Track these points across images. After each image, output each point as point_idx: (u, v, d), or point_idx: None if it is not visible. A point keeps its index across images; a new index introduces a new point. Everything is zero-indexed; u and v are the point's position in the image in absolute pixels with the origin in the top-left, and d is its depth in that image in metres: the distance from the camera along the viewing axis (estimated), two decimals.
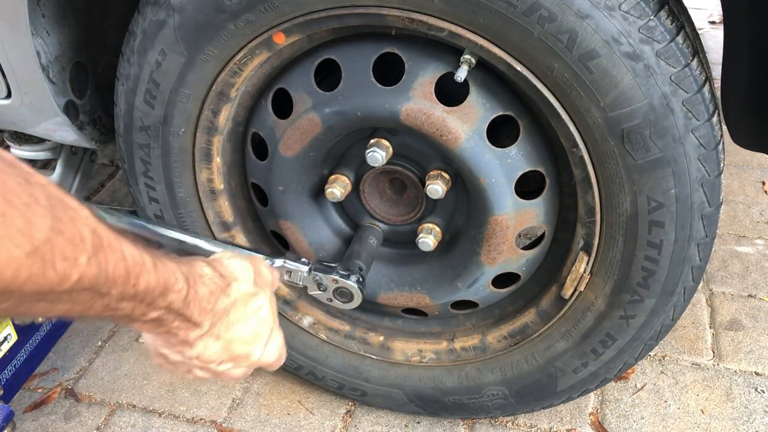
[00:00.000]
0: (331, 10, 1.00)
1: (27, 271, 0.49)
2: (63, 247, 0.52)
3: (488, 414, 1.38)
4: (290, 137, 1.16)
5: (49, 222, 0.50)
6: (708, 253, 1.08)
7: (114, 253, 0.58)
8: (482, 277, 1.21)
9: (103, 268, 0.57)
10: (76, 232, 0.54)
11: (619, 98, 0.94)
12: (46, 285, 0.51)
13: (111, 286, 0.58)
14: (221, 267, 0.77)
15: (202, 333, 0.73)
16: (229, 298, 0.75)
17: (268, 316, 0.80)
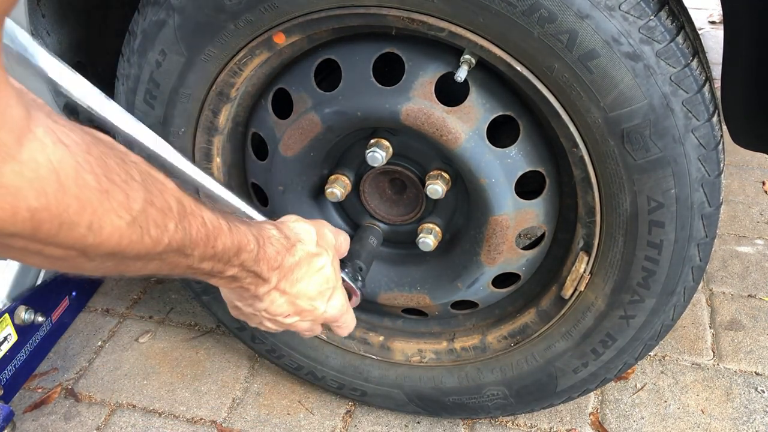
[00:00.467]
0: (331, 10, 1.00)
1: (128, 238, 0.57)
2: (155, 216, 0.60)
3: (488, 414, 1.38)
4: (290, 137, 1.16)
5: (143, 195, 0.58)
6: (708, 253, 1.08)
7: (196, 219, 0.67)
8: (482, 277, 1.21)
9: (187, 233, 0.65)
10: (164, 202, 0.61)
11: (619, 98, 0.94)
12: (143, 249, 0.59)
13: (194, 247, 0.66)
14: (287, 229, 0.84)
15: (270, 288, 0.81)
16: (294, 257, 0.83)
17: (330, 274, 0.89)
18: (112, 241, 0.55)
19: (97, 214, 0.53)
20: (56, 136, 0.49)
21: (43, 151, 0.47)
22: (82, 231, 0.52)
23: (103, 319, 1.75)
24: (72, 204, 0.50)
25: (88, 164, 0.51)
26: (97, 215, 0.53)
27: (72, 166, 0.50)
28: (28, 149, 0.46)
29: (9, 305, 1.43)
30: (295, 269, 0.83)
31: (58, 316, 1.61)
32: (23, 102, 0.47)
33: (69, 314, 1.68)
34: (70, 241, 0.52)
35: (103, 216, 0.53)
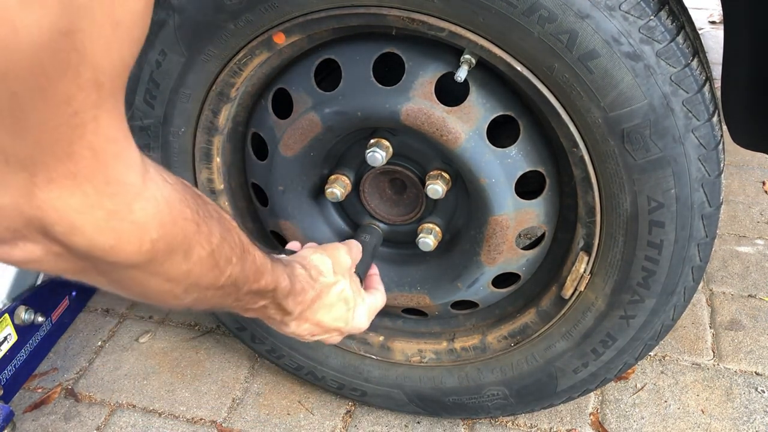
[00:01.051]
0: (331, 10, 1.00)
1: (206, 267, 0.63)
2: (226, 250, 0.66)
3: (488, 414, 1.38)
4: (290, 137, 1.16)
5: (220, 230, 0.65)
6: (708, 253, 1.08)
7: (250, 256, 0.73)
8: (482, 277, 1.21)
9: (243, 268, 0.71)
10: (233, 239, 0.68)
11: (619, 98, 0.94)
12: (213, 279, 0.66)
13: (245, 282, 0.73)
14: (309, 265, 0.92)
15: (293, 318, 0.89)
16: (315, 290, 0.91)
17: (349, 295, 0.97)
18: (195, 269, 0.61)
19: (191, 243, 0.60)
20: (161, 175, 0.55)
21: (159, 188, 0.54)
22: (179, 258, 0.59)
23: (103, 319, 1.75)
24: (178, 234, 0.57)
25: (185, 200, 0.58)
26: (191, 244, 0.59)
27: (178, 201, 0.57)
28: (150, 186, 0.52)
29: (9, 305, 1.43)
30: (316, 301, 0.91)
31: (58, 316, 1.61)
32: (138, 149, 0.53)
33: (69, 314, 1.68)
34: (170, 269, 0.58)
35: (194, 245, 0.60)
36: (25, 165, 0.45)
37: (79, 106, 0.44)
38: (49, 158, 0.45)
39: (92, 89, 0.44)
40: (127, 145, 0.50)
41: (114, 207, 0.49)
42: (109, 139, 0.47)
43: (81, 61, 0.42)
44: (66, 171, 0.46)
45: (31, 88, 0.41)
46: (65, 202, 0.47)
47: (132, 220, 0.51)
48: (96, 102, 0.45)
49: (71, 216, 0.48)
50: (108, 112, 0.47)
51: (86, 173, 0.47)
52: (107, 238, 0.50)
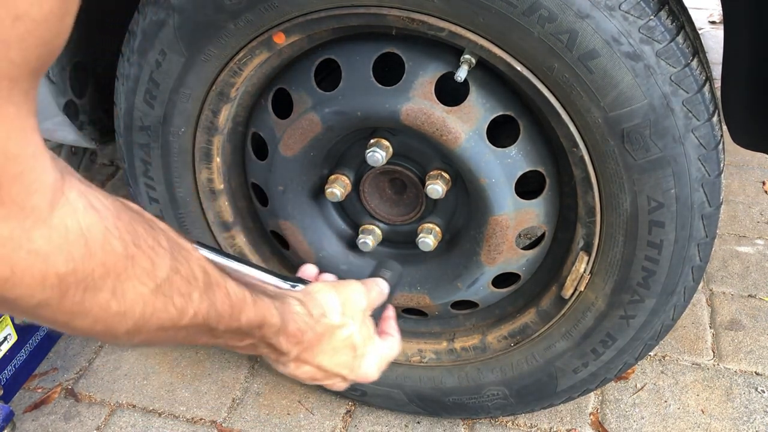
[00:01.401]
0: (331, 10, 1.00)
1: (152, 306, 0.55)
2: (180, 285, 0.58)
3: (488, 414, 1.38)
4: (290, 137, 1.16)
5: (169, 262, 0.57)
6: (708, 253, 1.08)
7: (221, 290, 0.64)
8: (482, 277, 1.21)
9: (212, 304, 0.62)
10: (190, 271, 0.60)
11: (619, 98, 0.94)
12: (168, 319, 0.58)
13: (219, 320, 0.64)
14: (311, 302, 0.81)
15: (290, 359, 0.79)
16: (315, 331, 0.80)
17: (358, 341, 0.84)
18: (136, 309, 0.54)
19: (121, 279, 0.52)
20: (88, 200, 0.49)
21: (74, 216, 0.47)
22: (106, 296, 0.51)
23: None
24: (97, 269, 0.50)
25: (116, 230, 0.51)
26: (120, 280, 0.52)
27: (101, 231, 0.49)
28: (59, 213, 0.46)
29: None
30: (316, 344, 0.81)
31: None
32: (58, 167, 0.47)
33: None
34: (95, 308, 0.51)
35: (126, 281, 0.53)
36: None
37: None
38: None
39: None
40: (34, 165, 0.43)
41: (7, 233, 0.43)
42: (6, 155, 0.41)
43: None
44: None
45: None
46: None
47: (30, 249, 0.44)
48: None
49: None
50: (6, 120, 0.40)
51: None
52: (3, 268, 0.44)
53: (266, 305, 0.72)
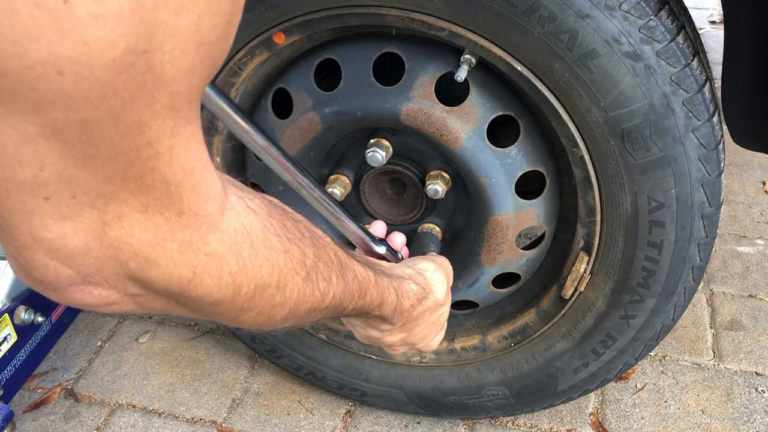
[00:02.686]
0: (331, 9, 1.00)
1: (303, 293, 0.60)
2: (323, 270, 0.63)
3: (488, 414, 1.38)
4: (290, 137, 1.16)
5: (313, 251, 0.62)
6: (708, 253, 1.08)
7: (350, 272, 0.69)
8: (482, 277, 1.21)
9: (346, 286, 0.68)
10: (328, 256, 0.65)
11: (620, 98, 0.94)
12: (314, 302, 0.63)
13: (350, 300, 0.69)
14: (423, 281, 0.87)
15: (391, 327, 0.85)
16: (423, 307, 0.86)
17: (445, 319, 0.93)
18: (292, 297, 0.59)
19: (283, 272, 0.56)
20: (245, 203, 0.53)
21: (238, 218, 0.51)
22: (272, 291, 0.56)
23: (102, 319, 1.75)
24: (264, 265, 0.54)
25: (272, 227, 0.55)
26: (282, 274, 0.56)
27: (260, 230, 0.54)
28: (227, 217, 0.49)
29: (9, 305, 1.43)
30: (420, 317, 0.87)
31: (57, 317, 1.61)
32: (219, 174, 0.50)
33: (69, 314, 1.68)
34: (262, 302, 0.56)
35: (287, 274, 0.57)
36: (94, 201, 0.41)
37: (153, 135, 0.40)
38: (119, 192, 0.41)
39: (168, 116, 0.40)
40: (206, 176, 0.46)
41: (188, 238, 0.46)
42: (185, 170, 0.44)
43: (157, 85, 0.38)
44: (137, 204, 0.42)
45: (103, 115, 0.36)
46: (137, 237, 0.44)
47: (207, 252, 0.48)
48: (172, 130, 0.41)
49: (145, 250, 0.44)
50: (185, 140, 0.43)
51: (158, 205, 0.43)
52: (183, 271, 0.47)
53: (386, 284, 0.77)
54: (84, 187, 0.40)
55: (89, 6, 0.33)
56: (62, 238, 0.42)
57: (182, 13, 0.37)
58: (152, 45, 0.36)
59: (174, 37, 0.37)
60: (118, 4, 0.33)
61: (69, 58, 0.33)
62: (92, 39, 0.33)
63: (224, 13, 0.40)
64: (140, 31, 0.35)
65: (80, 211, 0.41)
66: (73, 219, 0.41)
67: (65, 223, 0.41)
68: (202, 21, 0.38)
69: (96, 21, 0.33)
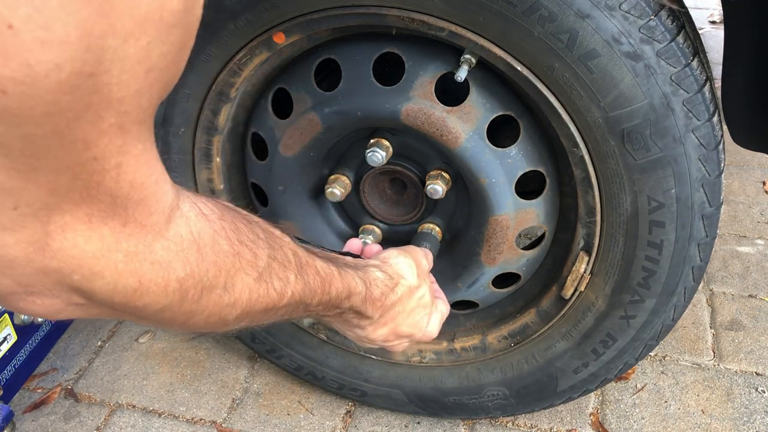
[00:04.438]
0: (331, 10, 1.00)
1: (256, 293, 0.61)
2: (278, 270, 0.64)
3: (488, 414, 1.38)
4: (290, 137, 1.16)
5: (267, 251, 0.62)
6: (708, 253, 1.08)
7: (311, 269, 0.70)
8: (482, 277, 1.21)
9: (306, 283, 0.68)
10: (284, 256, 0.65)
11: (620, 98, 0.94)
12: (270, 302, 0.63)
13: (312, 296, 0.70)
14: (389, 268, 0.88)
15: (371, 322, 0.86)
16: (396, 294, 0.87)
17: (428, 300, 0.93)
18: (243, 297, 0.59)
19: (230, 274, 0.57)
20: (198, 208, 0.54)
21: (187, 225, 0.51)
22: (219, 292, 0.56)
23: (102, 319, 1.75)
24: (210, 269, 0.54)
25: (222, 230, 0.56)
26: (230, 275, 0.57)
27: (210, 235, 0.54)
28: (175, 225, 0.50)
29: None
30: (397, 304, 0.87)
31: None
32: (173, 184, 0.51)
33: None
34: (210, 304, 0.56)
35: (235, 275, 0.57)
36: (37, 212, 0.41)
37: (99, 152, 0.41)
38: (63, 204, 0.42)
39: (116, 135, 0.41)
40: (155, 189, 0.47)
41: (132, 248, 0.47)
42: (133, 185, 0.44)
43: (104, 106, 0.39)
44: (81, 214, 0.43)
45: (46, 131, 0.37)
46: (81, 249, 0.44)
47: (153, 261, 0.48)
48: (120, 148, 0.42)
49: (89, 262, 0.45)
50: (135, 158, 0.43)
51: (102, 216, 0.44)
52: (129, 281, 0.48)
53: (350, 276, 0.78)
54: (27, 199, 0.40)
55: (35, 32, 0.34)
56: (2, 248, 0.42)
57: (131, 40, 0.38)
58: (99, 69, 0.37)
59: (122, 63, 0.38)
60: (64, 31, 0.34)
61: (12, 78, 0.34)
62: (37, 62, 0.34)
63: (174, 42, 0.41)
64: (87, 57, 0.36)
65: (22, 222, 0.41)
66: (14, 230, 0.41)
67: (6, 234, 0.41)
68: (152, 48, 0.39)
69: (41, 46, 0.34)
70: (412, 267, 0.90)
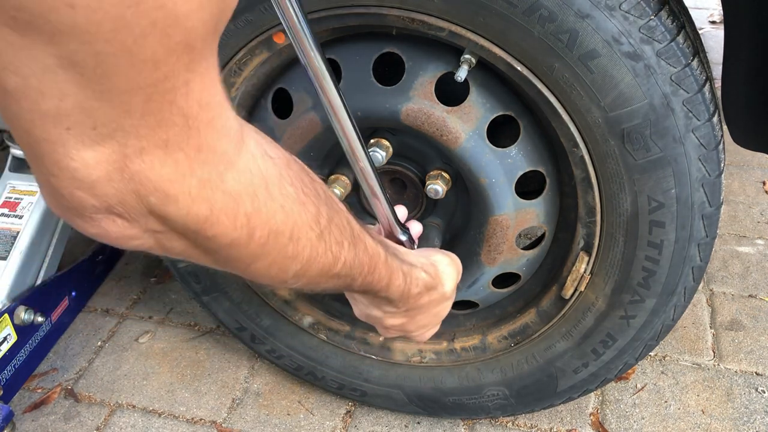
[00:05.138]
0: (331, 9, 1.00)
1: (316, 251, 0.60)
2: (336, 233, 0.63)
3: (488, 414, 1.38)
4: (290, 137, 1.16)
5: (328, 211, 0.62)
6: (708, 253, 1.08)
7: (362, 243, 0.69)
8: (482, 277, 1.21)
9: (357, 255, 0.67)
10: (341, 221, 0.65)
11: (620, 98, 0.94)
12: (326, 265, 0.63)
13: (360, 272, 0.69)
14: (434, 272, 0.87)
15: (395, 312, 0.85)
16: (430, 297, 0.86)
17: (444, 315, 0.93)
18: (305, 252, 0.59)
19: (297, 224, 0.57)
20: (263, 149, 0.53)
21: (254, 161, 0.51)
22: (284, 240, 0.56)
23: (102, 319, 1.75)
24: (278, 212, 0.54)
25: (288, 177, 0.56)
26: (297, 225, 0.57)
27: (276, 176, 0.54)
28: (244, 158, 0.50)
29: (9, 305, 1.43)
30: (426, 306, 0.87)
31: (57, 317, 1.61)
32: (238, 118, 0.51)
33: (68, 314, 1.68)
34: (274, 251, 0.56)
35: (301, 227, 0.57)
36: (114, 133, 0.42)
37: (168, 70, 0.41)
38: (139, 126, 0.43)
39: (183, 52, 0.42)
40: (221, 112, 0.48)
41: (206, 175, 0.47)
42: (201, 104, 0.45)
43: (170, 22, 0.39)
44: (157, 140, 0.44)
45: (116, 49, 0.39)
46: (158, 173, 0.45)
47: (224, 190, 0.49)
48: (187, 65, 0.42)
49: (164, 185, 0.46)
50: (201, 75, 0.44)
51: (177, 141, 0.45)
52: (201, 208, 0.48)
53: (395, 267, 0.77)
54: (103, 119, 0.42)
55: None
56: (85, 168, 0.43)
57: None
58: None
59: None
60: None
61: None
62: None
63: None
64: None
65: (101, 142, 0.43)
66: (94, 150, 0.43)
67: (87, 154, 0.43)
68: None
69: None
70: (454, 280, 0.90)
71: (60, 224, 1.59)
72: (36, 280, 1.54)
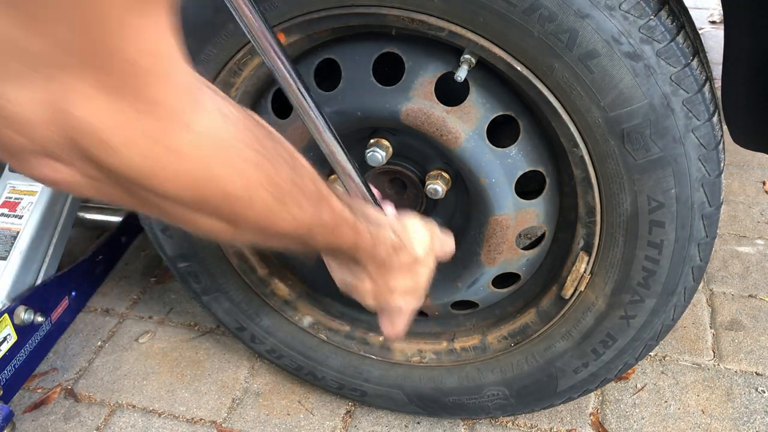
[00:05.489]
0: (330, 10, 1.00)
1: (270, 209, 0.58)
2: (297, 196, 0.61)
3: (488, 414, 1.38)
4: (290, 137, 1.15)
5: (287, 173, 0.60)
6: (708, 253, 1.08)
7: (327, 205, 0.68)
8: (482, 277, 1.21)
9: (319, 217, 0.66)
10: (305, 183, 0.64)
11: (620, 98, 0.94)
12: (285, 227, 0.61)
13: (322, 234, 0.68)
14: (403, 233, 0.86)
15: (364, 274, 0.84)
16: (400, 258, 0.85)
17: (424, 282, 0.91)
18: (261, 214, 0.57)
19: (251, 184, 0.55)
20: (217, 106, 0.51)
21: (209, 122, 0.49)
22: (232, 202, 0.54)
23: (102, 319, 1.75)
24: (231, 174, 0.52)
25: (242, 135, 0.53)
26: (249, 184, 0.55)
27: (233, 138, 0.52)
28: (197, 118, 0.48)
29: (9, 305, 1.43)
30: (395, 268, 0.85)
31: (57, 316, 1.61)
32: (193, 74, 0.49)
33: (68, 314, 1.68)
34: (225, 210, 0.54)
35: (258, 188, 0.55)
36: (53, 71, 0.40)
37: (110, 5, 0.39)
38: (81, 66, 0.41)
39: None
40: (174, 66, 0.45)
41: (151, 129, 0.45)
42: (150, 53, 0.43)
43: None
44: (101, 85, 0.42)
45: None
46: (100, 119, 0.43)
47: (168, 146, 0.47)
48: (132, 5, 0.40)
49: (106, 133, 0.44)
50: (152, 22, 0.42)
51: (122, 88, 0.43)
52: (142, 159, 0.46)
53: (362, 229, 0.76)
54: (36, 53, 0.39)
55: None
56: (18, 105, 0.42)
57: None
58: None
59: None
60: None
61: None
62: None
63: None
64: None
65: (41, 81, 0.41)
66: (29, 88, 0.41)
67: (21, 91, 0.41)
68: None
69: None
70: (424, 243, 0.88)
71: (60, 224, 1.59)
72: (36, 280, 1.54)
